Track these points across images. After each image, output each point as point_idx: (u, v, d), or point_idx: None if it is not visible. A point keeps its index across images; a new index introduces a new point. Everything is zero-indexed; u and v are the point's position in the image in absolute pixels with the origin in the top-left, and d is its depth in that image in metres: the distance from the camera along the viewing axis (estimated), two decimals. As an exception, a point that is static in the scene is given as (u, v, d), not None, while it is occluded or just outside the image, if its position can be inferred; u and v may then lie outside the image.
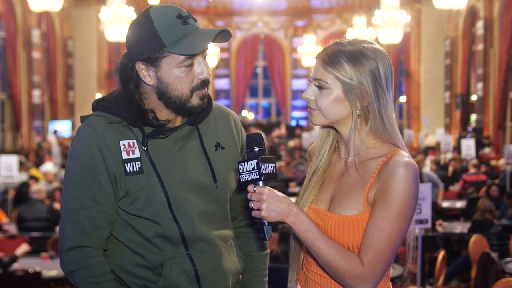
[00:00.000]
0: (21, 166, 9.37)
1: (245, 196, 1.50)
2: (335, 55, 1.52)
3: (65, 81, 17.65)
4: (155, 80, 1.62)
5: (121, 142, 1.62)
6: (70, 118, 17.66)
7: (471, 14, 15.59)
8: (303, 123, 21.13)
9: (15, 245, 5.90)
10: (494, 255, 4.92)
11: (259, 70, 22.85)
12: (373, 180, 1.50)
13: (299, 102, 21.78)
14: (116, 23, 12.92)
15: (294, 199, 1.72)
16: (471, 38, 15.77)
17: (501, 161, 9.86)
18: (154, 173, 1.62)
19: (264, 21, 21.73)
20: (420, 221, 4.44)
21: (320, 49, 1.59)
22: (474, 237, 5.58)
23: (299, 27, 21.67)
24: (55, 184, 8.75)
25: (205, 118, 1.74)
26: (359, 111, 1.53)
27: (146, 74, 1.62)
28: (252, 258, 1.88)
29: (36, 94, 15.21)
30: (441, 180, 9.27)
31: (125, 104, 1.65)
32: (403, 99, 18.85)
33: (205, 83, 1.64)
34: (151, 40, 1.57)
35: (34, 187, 6.77)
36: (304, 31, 20.78)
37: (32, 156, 12.27)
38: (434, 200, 7.23)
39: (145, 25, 1.58)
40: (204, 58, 1.65)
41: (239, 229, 1.88)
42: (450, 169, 10.13)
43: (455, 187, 9.45)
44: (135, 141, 1.64)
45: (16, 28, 14.38)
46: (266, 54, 22.07)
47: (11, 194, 7.65)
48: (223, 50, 20.72)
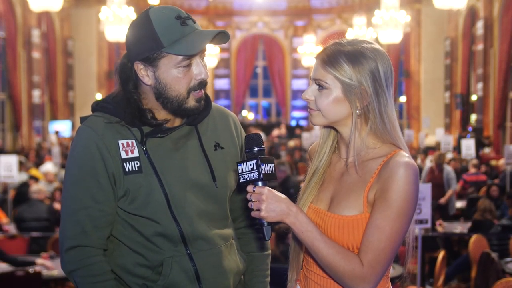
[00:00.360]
0: (21, 166, 9.36)
1: (245, 197, 1.50)
2: (335, 55, 1.52)
3: (65, 81, 17.64)
4: (153, 80, 1.63)
5: (120, 142, 1.63)
6: (70, 118, 17.66)
7: (471, 14, 15.58)
8: (303, 123, 21.12)
9: (15, 245, 5.89)
10: (494, 255, 4.92)
11: (259, 70, 22.84)
12: (373, 181, 1.50)
13: (299, 102, 21.76)
14: (116, 23, 12.92)
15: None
16: (471, 38, 15.76)
17: (501, 161, 9.86)
18: (153, 172, 1.63)
19: (264, 21, 21.73)
20: (420, 221, 4.43)
21: (320, 49, 1.59)
22: (474, 237, 5.58)
23: (299, 27, 21.67)
24: (55, 184, 8.75)
25: (205, 119, 1.74)
26: (359, 111, 1.53)
27: (145, 74, 1.63)
28: (253, 259, 1.88)
29: (36, 94, 15.20)
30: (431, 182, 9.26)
31: (124, 104, 1.66)
32: (403, 99, 18.85)
33: (202, 84, 1.65)
34: (150, 40, 1.58)
35: (34, 187, 6.77)
36: (304, 31, 20.77)
37: (32, 156, 12.26)
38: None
39: (144, 25, 1.59)
40: (202, 59, 1.66)
41: (240, 230, 1.88)
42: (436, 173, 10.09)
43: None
44: (134, 141, 1.64)
45: (16, 28, 14.37)
46: (266, 54, 22.06)
47: (11, 194, 7.65)
48: (223, 50, 20.72)
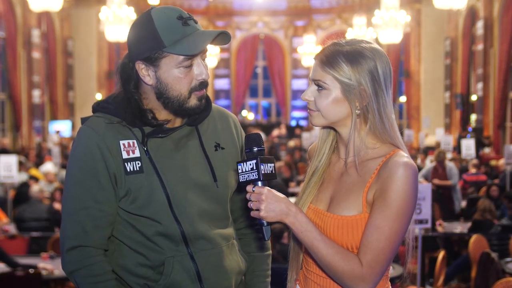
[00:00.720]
0: (21, 166, 9.36)
1: (245, 197, 1.50)
2: (333, 56, 1.52)
3: (65, 81, 17.63)
4: (154, 80, 1.63)
5: (121, 142, 1.63)
6: (70, 118, 17.64)
7: (471, 14, 15.57)
8: (303, 123, 21.11)
9: (15, 245, 5.89)
10: (494, 255, 4.92)
11: (259, 70, 22.84)
12: (372, 181, 1.50)
13: (299, 102, 21.74)
14: (116, 23, 12.92)
15: (294, 199, 1.72)
16: (471, 38, 15.76)
17: (501, 161, 9.85)
18: (154, 172, 1.63)
19: (264, 21, 21.72)
20: (420, 221, 4.43)
21: (319, 50, 1.59)
22: (474, 237, 5.58)
23: (299, 27, 21.66)
24: (55, 184, 8.75)
25: (205, 120, 1.75)
26: (358, 111, 1.53)
27: (146, 74, 1.63)
28: (254, 259, 1.88)
29: (36, 94, 15.19)
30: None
31: (125, 105, 1.66)
32: (403, 99, 18.83)
33: (204, 85, 1.65)
34: (151, 40, 1.58)
35: (35, 187, 6.77)
36: (304, 31, 20.76)
37: (32, 156, 12.25)
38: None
39: (146, 25, 1.60)
40: (204, 60, 1.66)
41: (240, 230, 1.88)
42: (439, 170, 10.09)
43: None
44: (135, 141, 1.65)
45: (16, 28, 14.36)
46: (266, 54, 22.05)
47: (11, 194, 7.65)
48: (223, 50, 20.70)
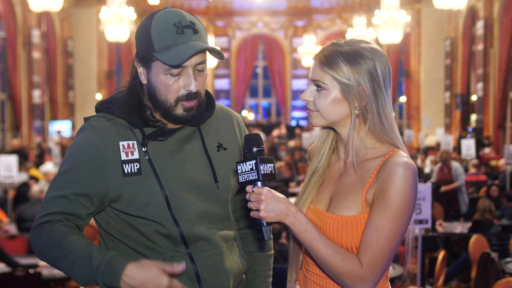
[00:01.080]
0: (21, 166, 9.36)
1: (245, 197, 1.50)
2: (332, 56, 1.52)
3: (65, 81, 17.62)
4: (146, 81, 1.65)
5: (121, 143, 1.63)
6: (70, 118, 17.63)
7: (471, 14, 15.57)
8: (303, 123, 21.11)
9: (15, 245, 5.89)
10: (494, 255, 4.92)
11: (259, 70, 22.83)
12: (372, 181, 1.50)
13: (299, 102, 21.73)
14: (116, 23, 12.91)
15: (294, 199, 1.72)
16: (471, 38, 15.75)
17: (501, 161, 9.86)
18: (153, 174, 1.62)
19: (264, 21, 21.72)
20: (420, 221, 4.43)
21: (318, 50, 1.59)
22: (474, 237, 5.57)
23: (299, 27, 21.65)
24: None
25: (208, 119, 1.74)
26: (358, 111, 1.53)
27: (141, 72, 1.65)
28: (256, 259, 1.88)
29: (36, 94, 15.18)
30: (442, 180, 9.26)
31: (127, 101, 1.66)
32: (403, 99, 18.83)
33: (191, 96, 1.62)
34: (145, 41, 1.60)
35: (35, 187, 6.77)
36: (304, 31, 20.76)
37: (32, 156, 12.25)
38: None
39: (145, 25, 1.62)
40: (200, 71, 1.63)
41: (242, 230, 1.88)
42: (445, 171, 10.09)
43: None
44: (135, 142, 1.64)
45: (16, 28, 14.36)
46: (266, 54, 22.05)
47: (11, 194, 7.65)
48: (223, 50, 20.71)
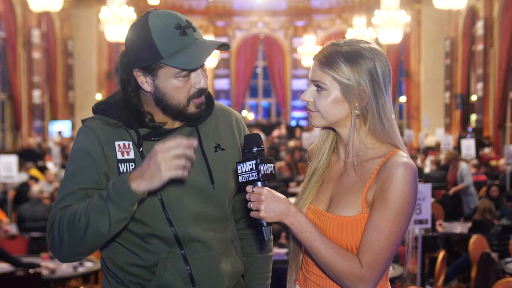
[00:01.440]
0: (21, 166, 9.36)
1: (245, 197, 1.50)
2: (332, 56, 1.52)
3: (65, 81, 17.61)
4: (153, 88, 1.61)
5: (117, 143, 1.63)
6: (70, 118, 17.62)
7: (471, 14, 15.57)
8: (303, 123, 21.10)
9: (15, 245, 5.89)
10: (494, 255, 4.92)
11: (259, 70, 22.82)
12: (372, 181, 1.49)
13: (299, 102, 21.70)
14: (116, 23, 12.90)
15: (294, 199, 1.71)
16: (471, 38, 15.75)
17: (501, 161, 9.85)
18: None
19: (264, 21, 21.71)
20: (420, 221, 4.43)
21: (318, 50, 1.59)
22: (474, 237, 5.57)
23: (299, 27, 21.64)
24: (55, 184, 8.75)
25: (206, 119, 1.74)
26: (358, 112, 1.53)
27: (144, 81, 1.62)
28: (255, 260, 1.88)
29: (36, 94, 15.18)
30: (441, 180, 9.27)
31: (123, 106, 1.66)
32: (403, 99, 18.81)
33: (202, 92, 1.64)
34: (148, 50, 1.55)
35: (35, 187, 6.77)
36: (304, 31, 20.74)
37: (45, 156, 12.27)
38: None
39: (143, 33, 1.56)
40: (202, 67, 1.64)
41: (242, 231, 1.88)
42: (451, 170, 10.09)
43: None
44: (131, 143, 1.64)
45: (16, 28, 14.36)
46: (266, 54, 22.04)
47: (11, 194, 7.65)
48: (223, 50, 20.66)
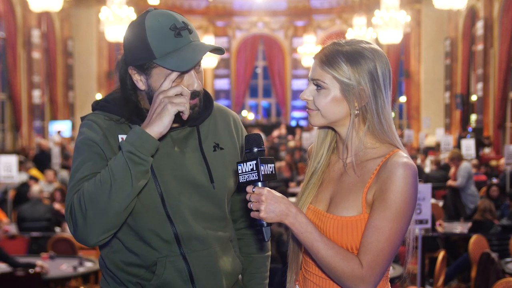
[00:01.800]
0: (21, 166, 9.37)
1: (245, 197, 1.50)
2: (333, 55, 1.52)
3: (65, 81, 17.62)
4: (146, 87, 1.63)
5: (120, 136, 1.65)
6: (70, 118, 17.63)
7: (471, 14, 15.57)
8: (303, 123, 21.10)
9: (15, 245, 5.89)
10: (494, 255, 4.92)
11: (259, 70, 22.83)
12: (372, 181, 1.49)
13: (299, 102, 21.71)
14: (116, 23, 12.90)
15: (294, 199, 1.71)
16: (471, 38, 15.75)
17: (501, 161, 9.86)
18: (149, 170, 1.62)
19: (264, 21, 21.71)
20: (420, 221, 4.43)
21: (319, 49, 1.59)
22: (474, 237, 5.57)
23: (299, 27, 21.65)
24: (55, 184, 8.74)
25: (206, 119, 1.74)
26: (357, 111, 1.53)
27: (138, 79, 1.63)
28: (253, 260, 1.88)
29: (36, 94, 15.18)
30: (441, 180, 9.27)
31: (123, 103, 1.67)
32: (403, 99, 18.82)
33: (195, 94, 1.63)
34: (142, 50, 1.57)
35: (35, 187, 6.77)
36: (304, 31, 20.75)
37: (32, 156, 12.25)
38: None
39: (139, 32, 1.58)
40: (197, 69, 1.63)
41: (241, 231, 1.88)
42: (453, 170, 10.09)
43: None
44: None
45: (16, 28, 14.36)
46: (266, 54, 22.05)
47: (11, 194, 7.65)
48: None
